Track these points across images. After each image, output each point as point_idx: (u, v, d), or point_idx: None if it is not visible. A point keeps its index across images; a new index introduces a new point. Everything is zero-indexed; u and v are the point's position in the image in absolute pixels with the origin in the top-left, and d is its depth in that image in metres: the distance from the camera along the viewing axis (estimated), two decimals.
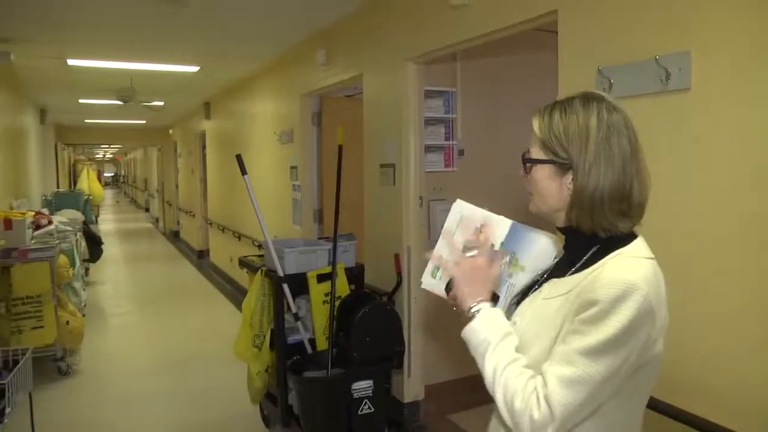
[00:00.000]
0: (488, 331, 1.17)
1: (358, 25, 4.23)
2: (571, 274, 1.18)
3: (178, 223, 13.68)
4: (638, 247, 1.15)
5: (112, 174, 39.62)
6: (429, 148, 3.89)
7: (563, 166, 1.14)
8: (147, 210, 21.06)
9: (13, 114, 6.56)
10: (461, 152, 4.07)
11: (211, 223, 9.63)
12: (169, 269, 10.26)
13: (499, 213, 1.36)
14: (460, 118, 4.04)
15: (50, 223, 5.44)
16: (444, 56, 3.56)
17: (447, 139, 4.00)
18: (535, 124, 1.18)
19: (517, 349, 1.16)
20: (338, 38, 4.55)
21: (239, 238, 7.49)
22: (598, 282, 1.08)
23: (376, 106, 4.01)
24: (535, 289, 1.26)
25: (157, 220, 17.28)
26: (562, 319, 1.12)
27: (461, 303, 1.24)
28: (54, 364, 4.69)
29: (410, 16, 3.56)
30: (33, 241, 4.94)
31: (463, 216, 1.38)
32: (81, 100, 8.82)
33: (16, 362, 4.51)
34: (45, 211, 6.48)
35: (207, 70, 6.39)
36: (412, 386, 3.80)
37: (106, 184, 36.95)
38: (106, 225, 17.89)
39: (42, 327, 4.52)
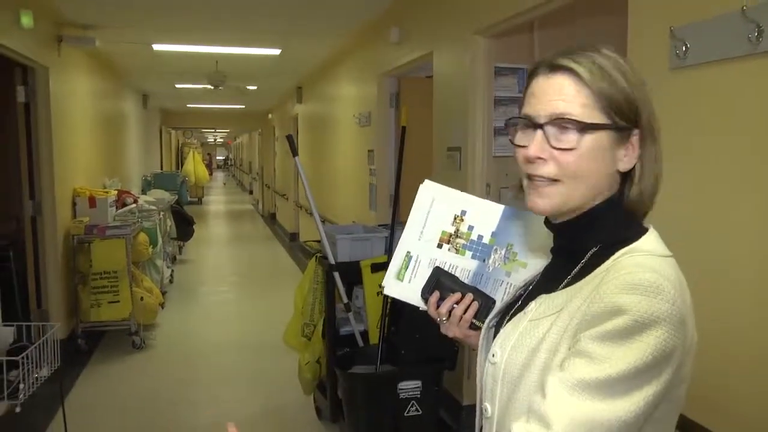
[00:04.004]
0: None
1: None
2: (565, 286, 0.89)
3: (275, 205, 14.01)
4: (652, 242, 0.86)
5: (224, 157, 41.50)
6: (500, 131, 3.56)
7: (624, 132, 0.85)
8: (251, 192, 21.85)
9: (109, 99, 6.87)
10: None
11: (301, 206, 9.71)
12: (262, 251, 10.49)
13: None
14: None
15: (135, 202, 5.62)
16: (518, 27, 3.20)
17: None
18: (577, 77, 0.84)
19: (501, 393, 0.90)
20: (410, 13, 4.30)
21: (324, 222, 7.45)
22: (608, 287, 0.79)
23: (444, 85, 3.74)
24: (518, 307, 0.97)
25: (257, 202, 17.86)
26: (554, 343, 0.83)
27: None
28: (129, 338, 4.84)
29: None
30: (115, 219, 5.12)
31: (436, 201, 1.12)
32: (177, 85, 9.15)
33: (88, 334, 4.74)
34: (134, 190, 6.75)
35: (288, 53, 6.35)
36: (472, 387, 3.51)
37: (217, 167, 38.90)
38: (212, 206, 18.76)
39: (118, 302, 4.68)
